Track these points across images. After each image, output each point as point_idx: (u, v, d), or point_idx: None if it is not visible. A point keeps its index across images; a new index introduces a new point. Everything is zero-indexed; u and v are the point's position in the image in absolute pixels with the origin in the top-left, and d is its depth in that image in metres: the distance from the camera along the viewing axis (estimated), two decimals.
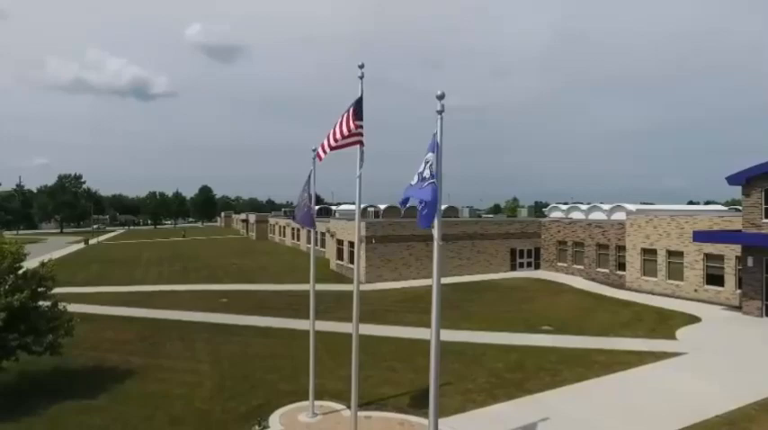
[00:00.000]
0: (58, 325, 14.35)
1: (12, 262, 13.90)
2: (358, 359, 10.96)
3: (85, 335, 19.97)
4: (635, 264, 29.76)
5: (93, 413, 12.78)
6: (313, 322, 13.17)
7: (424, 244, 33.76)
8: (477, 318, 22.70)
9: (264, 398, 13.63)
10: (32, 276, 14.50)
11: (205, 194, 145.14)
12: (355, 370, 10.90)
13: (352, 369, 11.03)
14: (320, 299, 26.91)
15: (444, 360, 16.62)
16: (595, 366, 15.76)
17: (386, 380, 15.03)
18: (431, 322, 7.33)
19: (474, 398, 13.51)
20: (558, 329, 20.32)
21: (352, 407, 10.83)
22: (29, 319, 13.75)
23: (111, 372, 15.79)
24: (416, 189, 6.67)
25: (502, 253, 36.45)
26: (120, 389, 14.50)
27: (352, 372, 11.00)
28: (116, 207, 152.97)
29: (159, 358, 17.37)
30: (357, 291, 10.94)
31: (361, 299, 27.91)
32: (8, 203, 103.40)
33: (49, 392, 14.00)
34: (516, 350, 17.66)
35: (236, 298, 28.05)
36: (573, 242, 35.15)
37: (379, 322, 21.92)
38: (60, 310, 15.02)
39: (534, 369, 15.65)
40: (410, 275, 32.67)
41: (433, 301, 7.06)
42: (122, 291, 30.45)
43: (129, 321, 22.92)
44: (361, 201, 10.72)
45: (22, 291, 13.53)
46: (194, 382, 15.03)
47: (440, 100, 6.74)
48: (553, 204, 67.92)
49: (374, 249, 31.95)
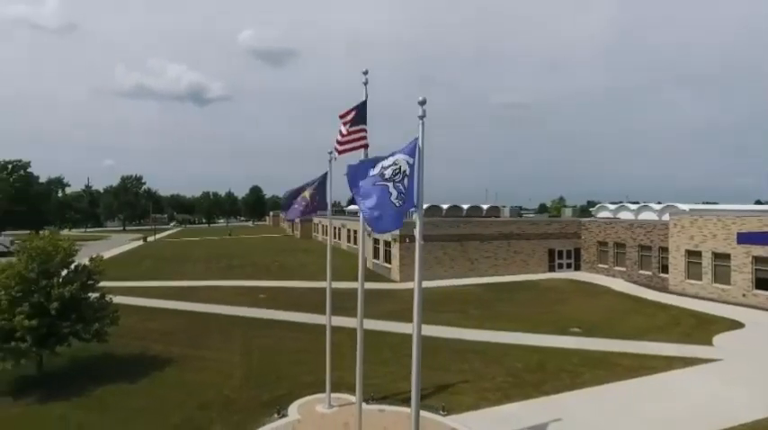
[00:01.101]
0: (104, 315, 15.73)
1: (64, 257, 15.36)
2: (363, 354, 11.42)
3: (134, 325, 21.62)
4: (679, 267, 28.51)
5: (133, 396, 13.98)
6: (329, 317, 13.78)
7: (458, 244, 33.82)
8: (504, 317, 22.62)
9: (287, 388, 14.37)
10: (82, 270, 15.98)
11: (255, 194, 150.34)
12: (360, 365, 11.39)
13: (356, 365, 11.48)
14: (352, 296, 27.70)
15: (464, 358, 16.97)
16: (618, 370, 15.47)
17: (405, 377, 15.34)
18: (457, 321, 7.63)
19: (488, 396, 13.67)
20: (586, 331, 19.96)
21: (357, 400, 11.33)
22: (79, 309, 15.17)
23: (153, 360, 17.07)
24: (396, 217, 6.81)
25: (539, 253, 35.84)
26: (159, 375, 15.72)
27: (356, 368, 11.46)
28: (174, 206, 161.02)
29: (198, 349, 18.55)
30: (362, 288, 11.39)
31: (391, 297, 28.56)
32: (77, 203, 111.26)
33: (97, 376, 15.37)
34: (539, 351, 17.56)
35: (275, 294, 29.23)
36: (614, 243, 34.05)
37: (406, 320, 22.08)
38: (107, 302, 16.43)
39: (555, 370, 15.56)
40: (444, 275, 32.77)
41: (414, 299, 7.40)
42: (171, 286, 32.38)
43: (175, 314, 24.49)
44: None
45: (72, 284, 14.96)
46: (226, 372, 16.03)
47: (421, 105, 7.07)
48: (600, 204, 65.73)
49: (407, 248, 32.30)
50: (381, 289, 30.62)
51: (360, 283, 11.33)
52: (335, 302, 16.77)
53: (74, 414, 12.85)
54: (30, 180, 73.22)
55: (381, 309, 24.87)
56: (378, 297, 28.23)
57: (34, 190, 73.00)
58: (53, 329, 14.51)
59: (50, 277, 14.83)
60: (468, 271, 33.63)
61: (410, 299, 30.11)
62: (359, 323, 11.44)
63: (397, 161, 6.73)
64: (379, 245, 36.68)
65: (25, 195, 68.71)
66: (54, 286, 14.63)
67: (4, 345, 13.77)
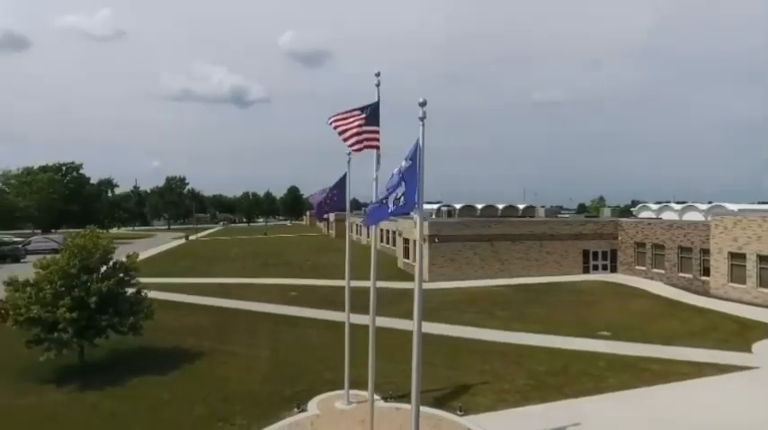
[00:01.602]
0: (139, 309, 16.58)
1: (103, 254, 16.29)
2: (375, 352, 11.57)
3: (170, 320, 22.59)
4: (721, 270, 27.22)
5: (163, 387, 14.68)
6: (348, 315, 14.00)
7: (488, 244, 33.49)
8: (532, 319, 22.29)
9: (309, 384, 14.73)
10: (119, 267, 16.89)
11: (293, 194, 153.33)
12: (372, 363, 11.55)
13: (369, 363, 11.65)
14: (380, 295, 27.93)
15: (485, 359, 16.88)
16: (645, 375, 15.02)
17: (424, 376, 15.20)
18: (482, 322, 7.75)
19: (507, 398, 13.58)
20: (615, 335, 19.42)
21: (369, 397, 11.49)
22: (116, 303, 16.06)
23: (184, 354, 17.83)
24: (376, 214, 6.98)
25: (573, 254, 34.98)
26: (189, 368, 16.43)
27: (369, 366, 11.63)
28: (216, 206, 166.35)
29: (227, 344, 19.25)
30: (374, 286, 11.56)
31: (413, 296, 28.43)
32: (126, 203, 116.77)
33: (132, 368, 16.22)
34: (564, 354, 17.26)
35: (305, 292, 29.85)
36: (652, 244, 32.83)
37: (432, 320, 22.28)
38: (142, 297, 17.30)
39: (578, 374, 15.27)
40: (474, 275, 32.54)
41: (414, 297, 7.52)
42: (207, 283, 33.60)
43: (209, 310, 25.45)
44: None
45: (110, 279, 15.86)
46: (251, 366, 16.59)
47: (422, 107, 7.17)
48: (643, 204, 63.33)
49: (437, 248, 32.26)
50: (409, 288, 30.63)
51: (372, 281, 11.55)
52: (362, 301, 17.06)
53: (107, 402, 13.64)
54: (82, 181, 77.56)
55: (406, 308, 24.85)
56: (404, 296, 28.31)
57: (86, 190, 77.25)
58: (92, 322, 15.43)
59: (90, 273, 15.76)
60: (499, 271, 33.25)
61: (436, 298, 30.60)
62: (371, 320, 11.67)
63: (400, 166, 6.90)
64: (409, 244, 36.79)
65: (78, 196, 72.81)
66: (93, 281, 15.54)
67: (49, 336, 14.75)
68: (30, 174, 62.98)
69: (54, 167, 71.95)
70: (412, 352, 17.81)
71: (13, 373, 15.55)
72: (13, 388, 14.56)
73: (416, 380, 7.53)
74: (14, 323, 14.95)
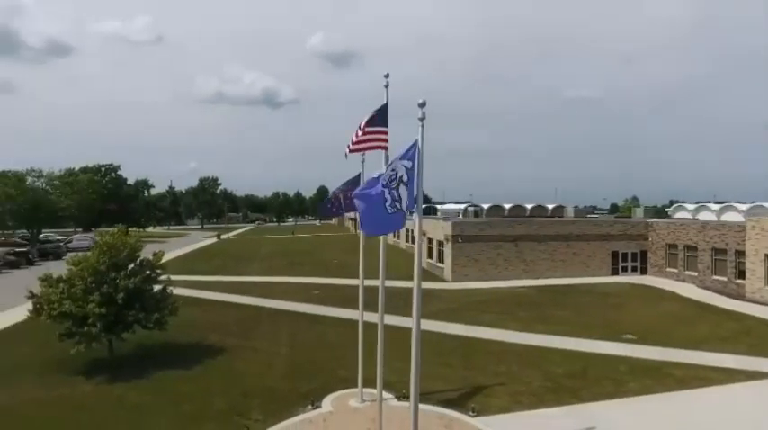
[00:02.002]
0: (164, 305, 17.18)
1: (130, 251, 16.95)
2: (384, 351, 11.65)
3: (196, 316, 23.31)
4: (757, 273, 26.07)
5: (186, 382, 15.18)
6: (361, 314, 14.14)
7: (512, 244, 33.07)
8: (554, 321, 21.93)
9: (325, 381, 14.95)
10: (146, 264, 17.54)
11: (322, 194, 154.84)
12: (380, 363, 11.64)
13: (377, 363, 11.74)
14: (401, 294, 28.01)
15: (502, 360, 16.74)
16: (668, 380, 14.59)
17: (439, 376, 15.50)
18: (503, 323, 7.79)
19: (521, 400, 13.45)
20: (640, 339, 18.90)
21: (377, 396, 11.58)
22: (142, 299, 16.68)
23: (207, 349, 18.36)
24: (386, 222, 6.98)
25: (601, 255, 34.14)
26: (211, 363, 16.92)
27: (377, 366, 11.72)
28: (248, 205, 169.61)
29: (249, 340, 19.71)
30: (383, 285, 11.63)
31: (440, 297, 28.56)
32: (161, 203, 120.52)
33: (158, 362, 16.81)
34: (584, 356, 16.93)
35: (328, 291, 30.19)
36: (684, 246, 31.71)
37: (451, 320, 22.27)
38: (168, 293, 17.91)
39: (597, 377, 14.97)
40: (498, 276, 32.19)
41: (414, 293, 7.59)
42: (235, 281, 34.41)
43: (234, 307, 26.08)
44: None
45: (136, 276, 16.49)
46: (271, 363, 16.96)
47: (421, 107, 7.22)
48: (678, 203, 61.18)
49: (460, 248, 32.07)
50: (432, 288, 30.63)
51: (381, 281, 11.63)
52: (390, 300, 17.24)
53: (132, 395, 14.21)
54: (119, 182, 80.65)
55: (426, 308, 24.87)
56: (426, 296, 28.17)
57: (123, 191, 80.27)
58: (119, 317, 16.08)
59: (118, 270, 16.42)
60: (523, 272, 32.79)
61: (458, 298, 30.47)
62: (380, 319, 11.75)
63: (396, 167, 6.93)
64: (433, 244, 36.70)
65: (116, 196, 75.74)
66: (121, 278, 16.20)
67: (79, 330, 15.47)
68: (71, 175, 65.90)
69: (94, 169, 75.14)
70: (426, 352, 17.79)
71: (48, 366, 16.36)
72: (47, 380, 15.34)
73: (415, 378, 7.58)
74: (48, 317, 15.73)
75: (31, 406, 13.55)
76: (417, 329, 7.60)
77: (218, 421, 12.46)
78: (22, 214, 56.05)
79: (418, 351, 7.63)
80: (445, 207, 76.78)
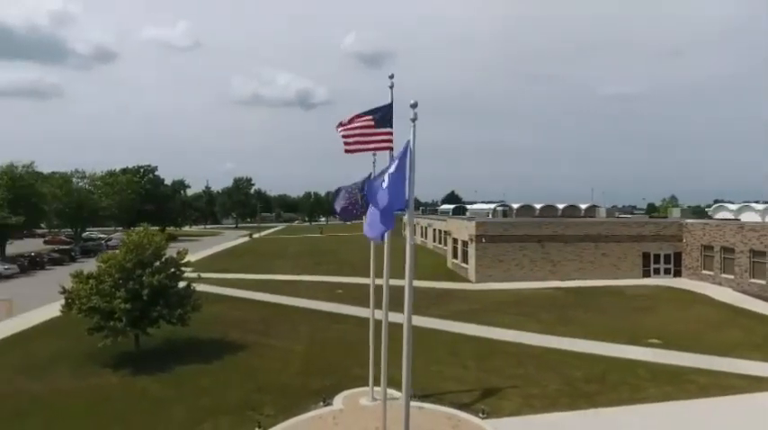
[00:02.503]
0: (187, 302, 17.76)
1: (155, 250, 17.60)
2: (387, 350, 11.67)
3: (221, 313, 23.99)
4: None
5: (205, 376, 15.67)
6: (372, 311, 14.23)
7: (538, 245, 32.46)
8: (576, 323, 21.44)
9: (338, 379, 15.12)
10: (170, 262, 18.17)
11: None
12: (384, 360, 11.66)
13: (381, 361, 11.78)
14: (422, 295, 28.07)
15: (520, 363, 16.52)
16: (691, 387, 14.06)
17: (454, 376, 15.46)
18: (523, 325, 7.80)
19: (534, 403, 13.25)
20: (666, 344, 18.26)
21: (381, 395, 11.60)
22: (166, 296, 17.31)
23: (228, 345, 18.87)
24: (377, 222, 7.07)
25: (632, 257, 33.07)
26: (230, 359, 17.39)
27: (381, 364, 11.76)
28: (281, 205, 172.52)
29: (269, 337, 20.14)
30: (387, 284, 11.68)
31: (461, 297, 28.25)
32: (197, 202, 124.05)
33: (181, 356, 17.39)
34: (604, 361, 16.51)
35: (351, 290, 30.43)
36: (721, 247, 30.35)
37: (471, 321, 22.11)
38: (191, 290, 18.52)
39: (615, 382, 14.58)
40: (522, 277, 31.67)
41: (405, 294, 7.62)
42: (262, 279, 35.14)
43: (258, 304, 26.68)
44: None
45: (160, 274, 17.12)
46: (288, 360, 17.28)
47: (413, 108, 7.27)
48: (720, 203, 58.46)
49: (485, 249, 31.72)
50: (454, 288, 30.50)
51: (385, 280, 11.70)
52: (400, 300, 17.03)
53: (154, 387, 14.79)
54: (156, 182, 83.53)
55: (448, 308, 24.91)
56: (448, 296, 28.23)
57: (160, 191, 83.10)
58: (144, 313, 16.74)
59: (144, 267, 17.09)
60: (550, 274, 32.13)
61: (481, 299, 30.09)
62: (384, 317, 11.79)
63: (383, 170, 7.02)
64: (458, 244, 36.44)
65: (153, 196, 78.48)
66: (146, 275, 16.86)
67: (106, 324, 16.20)
68: (112, 176, 68.75)
69: (133, 170, 78.17)
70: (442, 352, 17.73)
71: (80, 358, 17.17)
72: (79, 371, 16.13)
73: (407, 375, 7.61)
74: (79, 311, 16.53)
75: (62, 395, 14.29)
76: (409, 328, 7.63)
77: (233, 414, 12.81)
78: (67, 213, 58.84)
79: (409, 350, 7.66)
80: (475, 207, 75.85)
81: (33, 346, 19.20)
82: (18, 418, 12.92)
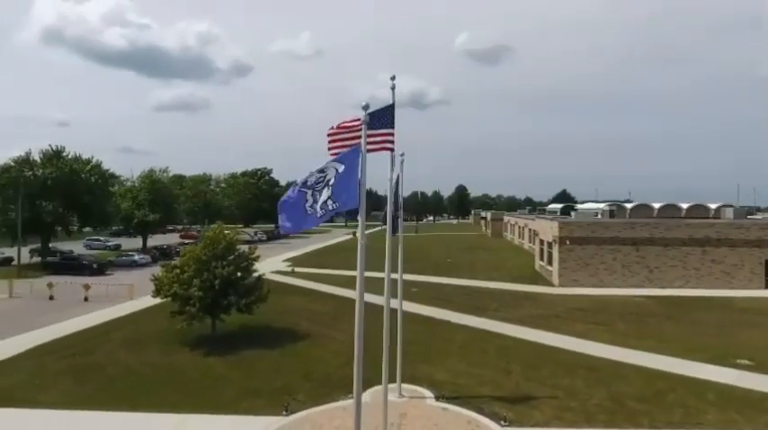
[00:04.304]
0: (254, 293, 19.55)
1: (227, 245, 19.63)
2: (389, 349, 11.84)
3: (299, 305, 25.87)
4: None
5: (263, 360, 17.17)
6: (400, 306, 14.43)
7: (633, 248, 29.60)
8: (656, 337, 19.36)
9: (375, 373, 15.57)
10: (242, 256, 20.13)
11: (460, 193, 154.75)
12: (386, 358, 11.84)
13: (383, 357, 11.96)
14: (496, 297, 27.33)
15: (570, 373, 15.66)
16: (764, 418, 12.09)
17: (492, 381, 15.09)
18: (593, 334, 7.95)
19: (566, 416, 12.49)
20: (758, 366, 15.77)
21: (383, 392, 11.79)
22: (236, 286, 19.25)
23: (294, 334, 20.32)
24: (304, 221, 7.36)
25: (750, 265, 28.59)
26: (291, 347, 18.77)
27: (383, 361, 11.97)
28: None
29: (332, 329, 21.27)
30: (393, 277, 11.82)
31: (538, 301, 27.06)
32: None
33: (249, 342, 19.17)
34: (669, 379, 14.83)
35: (426, 289, 30.65)
36: None
37: (537, 326, 21.15)
38: (261, 282, 20.34)
39: (671, 403, 13.08)
40: (613, 283, 29.14)
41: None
42: (346, 275, 36.75)
43: (333, 298, 28.14)
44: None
45: (230, 266, 19.08)
46: (340, 351, 18.15)
47: (365, 110, 7.49)
48: None
49: (569, 251, 29.78)
50: (533, 292, 29.13)
51: (386, 281, 11.85)
52: (477, 300, 16.90)
53: (218, 366, 16.59)
54: (272, 183, 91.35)
55: (517, 312, 23.98)
56: (523, 300, 27.08)
57: (275, 192, 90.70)
58: (216, 301, 18.82)
59: (218, 260, 19.20)
60: (646, 280, 29.14)
61: (556, 304, 28.82)
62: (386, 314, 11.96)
63: (326, 169, 7.30)
64: (544, 246, 34.63)
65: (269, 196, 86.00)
66: (219, 267, 18.93)
67: (184, 309, 18.52)
68: (233, 178, 76.87)
69: (251, 173, 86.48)
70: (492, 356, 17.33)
71: (168, 338, 19.70)
72: (164, 348, 18.63)
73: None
74: (164, 297, 19.13)
75: (146, 367, 16.72)
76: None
77: (270, 397, 13.97)
78: (196, 212, 67.23)
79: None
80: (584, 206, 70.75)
81: (140, 325, 22.48)
82: (109, 382, 15.41)
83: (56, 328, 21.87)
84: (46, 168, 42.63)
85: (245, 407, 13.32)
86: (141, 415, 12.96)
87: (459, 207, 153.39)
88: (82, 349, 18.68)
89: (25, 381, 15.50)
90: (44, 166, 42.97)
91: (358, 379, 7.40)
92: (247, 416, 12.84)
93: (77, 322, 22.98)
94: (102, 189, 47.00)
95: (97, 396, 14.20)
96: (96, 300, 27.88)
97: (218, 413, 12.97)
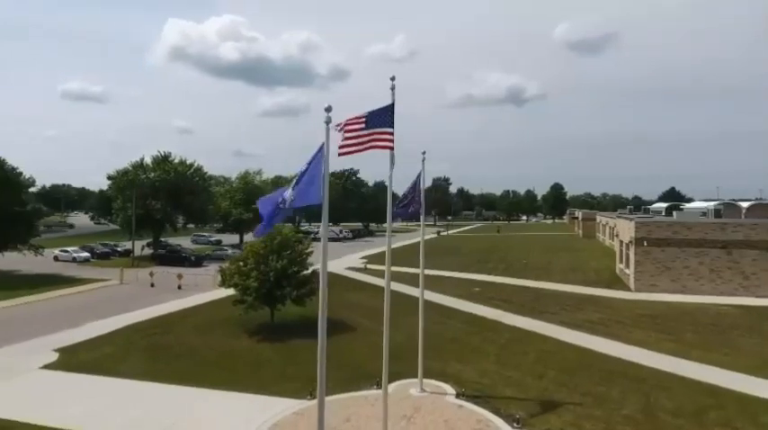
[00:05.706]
0: (305, 286, 20.87)
1: (282, 240, 21.13)
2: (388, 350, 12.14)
3: (358, 300, 27.00)
4: None
5: (307, 349, 17.95)
6: (422, 301, 14.65)
7: (723, 252, 26.52)
8: (726, 349, 17.45)
9: (406, 368, 15.95)
10: (297, 251, 21.56)
11: (556, 191, 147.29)
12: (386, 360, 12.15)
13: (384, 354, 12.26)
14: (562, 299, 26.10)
15: (609, 382, 15.05)
16: None
17: (519, 383, 14.83)
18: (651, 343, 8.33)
19: (585, 425, 11.99)
20: None
21: (382, 388, 12.11)
22: (289, 279, 20.71)
23: (345, 327, 21.27)
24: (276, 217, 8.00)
25: None
26: (337, 338, 19.58)
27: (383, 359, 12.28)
28: (482, 203, 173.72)
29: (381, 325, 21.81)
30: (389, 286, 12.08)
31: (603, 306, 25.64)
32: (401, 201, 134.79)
33: (302, 332, 20.41)
34: (721, 395, 13.45)
35: (490, 289, 30.17)
36: None
37: (592, 332, 20.13)
38: (316, 276, 21.62)
39: (711, 422, 11.94)
40: (698, 289, 26.36)
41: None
42: (412, 272, 37.22)
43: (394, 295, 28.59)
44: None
45: (284, 260, 20.58)
46: (380, 345, 18.78)
47: (327, 112, 7.98)
48: None
49: (647, 253, 27.46)
50: (603, 296, 27.37)
51: (387, 282, 12.15)
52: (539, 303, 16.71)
53: (268, 352, 18.07)
54: (359, 183, 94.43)
55: (576, 316, 22.89)
56: (588, 303, 25.64)
57: (362, 192, 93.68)
58: (270, 292, 20.43)
59: (273, 254, 20.81)
60: (738, 288, 25.98)
61: (622, 310, 27.72)
62: (385, 317, 12.25)
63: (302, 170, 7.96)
64: (623, 247, 32.21)
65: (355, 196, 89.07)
66: (275, 261, 20.52)
67: (242, 298, 20.35)
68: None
69: (339, 174, 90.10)
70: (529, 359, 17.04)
71: (235, 324, 21.54)
72: (228, 333, 20.59)
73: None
74: (228, 287, 21.16)
75: (208, 349, 18.69)
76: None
77: (299, 383, 14.98)
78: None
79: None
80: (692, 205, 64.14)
81: (213, 312, 24.95)
82: (174, 359, 17.47)
83: (149, 310, 25.12)
84: (155, 171, 48.44)
85: (277, 390, 14.46)
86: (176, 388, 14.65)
87: (554, 206, 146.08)
88: (161, 330, 21.33)
89: (113, 354, 18.17)
90: (154, 170, 48.84)
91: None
92: (273, 397, 13.96)
93: (167, 306, 26.14)
94: (202, 189, 52.20)
95: (159, 370, 16.26)
96: (187, 289, 31.39)
97: (247, 392, 14.25)
